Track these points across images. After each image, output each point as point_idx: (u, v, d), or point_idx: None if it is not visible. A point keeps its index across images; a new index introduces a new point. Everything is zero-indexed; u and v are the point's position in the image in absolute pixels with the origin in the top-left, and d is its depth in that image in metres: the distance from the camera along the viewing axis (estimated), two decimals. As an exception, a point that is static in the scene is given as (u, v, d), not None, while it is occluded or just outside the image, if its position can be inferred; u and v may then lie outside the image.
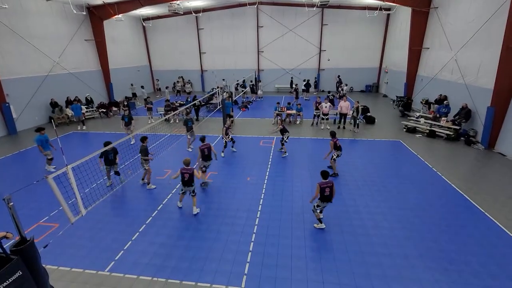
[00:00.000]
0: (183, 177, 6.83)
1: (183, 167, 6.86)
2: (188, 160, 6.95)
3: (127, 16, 23.25)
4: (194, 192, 7.12)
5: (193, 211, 7.07)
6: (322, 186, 6.04)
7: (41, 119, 16.24)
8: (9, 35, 14.18)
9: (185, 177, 6.81)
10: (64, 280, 5.08)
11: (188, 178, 6.82)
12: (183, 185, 6.94)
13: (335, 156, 8.87)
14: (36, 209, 7.39)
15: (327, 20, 23.69)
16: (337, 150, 8.81)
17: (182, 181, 6.90)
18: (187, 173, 6.80)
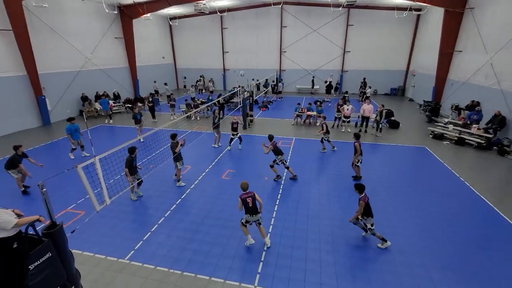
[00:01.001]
0: (246, 204, 5.58)
1: (242, 193, 5.64)
2: (246, 184, 5.72)
3: (155, 15, 24.06)
4: (260, 222, 5.82)
5: (266, 243, 5.82)
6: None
7: (73, 112, 17.24)
8: (48, 32, 15.19)
9: (249, 203, 5.57)
10: (88, 264, 5.39)
11: (253, 204, 5.59)
12: (249, 214, 5.63)
13: (357, 161, 8.57)
14: (65, 196, 7.88)
15: (353, 20, 23.12)
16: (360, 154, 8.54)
17: (246, 211, 5.63)
18: (250, 197, 5.59)
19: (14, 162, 7.72)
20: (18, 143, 8.21)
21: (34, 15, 14.31)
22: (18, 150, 7.84)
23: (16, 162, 7.75)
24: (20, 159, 7.84)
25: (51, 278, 3.59)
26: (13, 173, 7.78)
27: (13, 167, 7.74)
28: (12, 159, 7.73)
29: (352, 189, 8.15)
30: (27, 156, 8.08)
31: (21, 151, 7.90)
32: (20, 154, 7.86)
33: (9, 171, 7.74)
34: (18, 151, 7.84)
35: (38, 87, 14.59)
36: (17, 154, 7.79)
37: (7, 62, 13.40)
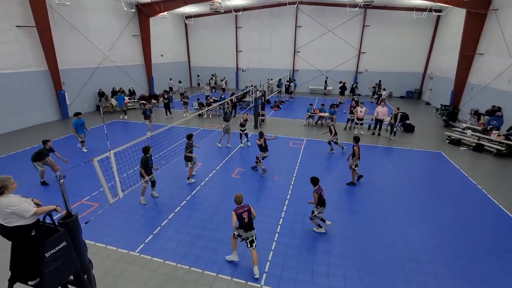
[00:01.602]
0: (241, 220, 5.01)
1: (236, 208, 5.09)
2: (240, 197, 5.16)
3: (171, 14, 24.42)
4: (254, 241, 5.18)
5: (255, 273, 5.06)
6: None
7: (90, 106, 17.79)
8: (69, 29, 15.71)
9: (244, 218, 5.02)
10: (100, 255, 5.55)
11: (248, 219, 5.07)
12: (244, 230, 5.08)
13: (354, 165, 8.38)
14: (80, 188, 8.14)
15: (370, 21, 22.70)
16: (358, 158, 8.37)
17: (241, 226, 5.05)
18: (245, 212, 5.05)
19: (41, 155, 8.03)
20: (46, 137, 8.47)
21: (57, 12, 14.83)
22: (46, 145, 8.13)
23: (43, 156, 8.06)
24: (47, 153, 8.15)
25: (65, 266, 3.72)
26: (38, 165, 8.08)
27: (39, 160, 8.05)
28: (40, 153, 8.03)
29: (362, 193, 8.08)
30: (54, 151, 8.36)
31: (49, 146, 8.19)
32: (48, 149, 8.16)
33: (35, 163, 8.05)
34: (46, 145, 8.13)
35: (58, 82, 15.12)
36: (45, 149, 8.10)
37: (30, 58, 13.96)
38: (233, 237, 5.34)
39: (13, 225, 3.35)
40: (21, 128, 13.89)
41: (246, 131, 11.67)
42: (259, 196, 7.88)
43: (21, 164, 9.73)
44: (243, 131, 11.54)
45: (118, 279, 5.00)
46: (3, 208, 3.26)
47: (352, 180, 8.59)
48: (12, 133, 13.27)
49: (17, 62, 13.41)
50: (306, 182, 8.61)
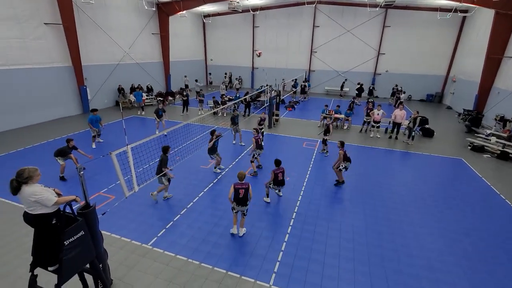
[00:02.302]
0: (237, 194, 5.78)
1: (236, 182, 5.85)
2: (243, 174, 5.93)
3: (189, 13, 24.79)
4: (246, 212, 6.11)
5: (240, 233, 6.11)
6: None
7: (109, 102, 18.38)
8: (92, 27, 16.29)
9: (240, 194, 5.79)
10: (115, 246, 5.73)
11: (243, 195, 5.82)
12: (237, 203, 5.89)
13: (343, 167, 8.28)
14: (98, 180, 8.44)
15: (390, 21, 22.09)
16: (346, 161, 8.22)
17: (235, 199, 5.85)
18: (242, 189, 5.81)
19: (63, 153, 8.39)
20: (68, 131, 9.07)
21: (82, 10, 15.42)
22: (69, 143, 8.48)
23: (65, 153, 8.41)
24: (70, 151, 8.49)
25: (82, 254, 3.88)
26: (59, 159, 8.45)
27: (61, 156, 8.41)
28: (62, 150, 8.39)
29: (376, 197, 7.90)
30: (77, 149, 8.69)
31: (72, 145, 8.53)
32: (71, 147, 8.51)
33: (57, 158, 8.42)
34: (69, 144, 8.48)
35: (81, 78, 15.73)
36: (68, 147, 8.45)
37: (56, 54, 14.59)
38: (235, 215, 6.16)
39: (36, 213, 3.53)
40: (45, 121, 14.55)
41: (263, 130, 11.65)
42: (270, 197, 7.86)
43: (44, 156, 10.21)
44: (260, 129, 11.54)
45: (131, 269, 5.15)
46: (28, 196, 3.44)
47: (339, 179, 8.54)
48: (37, 125, 13.92)
49: (44, 58, 14.06)
50: (319, 184, 8.55)
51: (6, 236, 5.98)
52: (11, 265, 5.20)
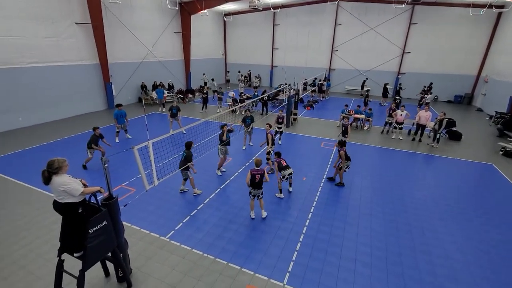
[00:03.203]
0: (253, 179, 6.36)
1: (253, 168, 6.43)
2: (259, 160, 6.48)
3: (211, 11, 25.10)
4: (262, 194, 6.66)
5: (262, 215, 6.75)
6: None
7: (133, 98, 19.07)
8: (118, 26, 16.94)
9: (256, 179, 6.36)
10: (134, 237, 5.96)
11: (259, 180, 6.39)
12: (253, 187, 6.47)
13: (346, 167, 8.19)
14: (120, 173, 8.79)
15: (417, 18, 21.14)
16: (346, 160, 8.12)
17: (251, 183, 6.42)
18: (258, 174, 6.36)
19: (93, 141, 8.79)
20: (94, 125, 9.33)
21: (109, 10, 16.07)
22: (96, 131, 8.88)
23: (96, 142, 8.82)
24: (97, 140, 8.90)
25: (105, 243, 4.08)
26: (90, 152, 8.90)
27: (93, 144, 8.82)
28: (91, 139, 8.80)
29: (397, 201, 7.63)
30: (103, 138, 9.12)
31: (98, 132, 8.93)
32: (98, 135, 8.90)
33: (88, 150, 8.87)
34: (96, 132, 8.88)
35: (107, 75, 16.43)
36: (95, 135, 8.86)
37: (85, 52, 15.33)
38: (253, 200, 6.64)
39: (65, 201, 3.74)
40: (73, 115, 15.35)
41: (282, 129, 11.59)
42: (285, 195, 7.83)
43: (71, 148, 10.80)
44: (279, 128, 11.52)
45: (149, 260, 5.34)
46: (57, 186, 3.65)
47: (340, 181, 8.35)
48: (66, 119, 14.71)
49: (74, 56, 14.82)
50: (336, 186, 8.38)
51: (37, 222, 6.40)
52: (41, 249, 5.56)
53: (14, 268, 5.09)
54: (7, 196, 7.45)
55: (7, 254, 5.43)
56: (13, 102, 12.59)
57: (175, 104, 12.93)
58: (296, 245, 5.83)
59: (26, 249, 5.56)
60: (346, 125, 10.78)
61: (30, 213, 6.72)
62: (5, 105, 12.36)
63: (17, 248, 5.60)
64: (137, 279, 4.88)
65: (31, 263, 5.22)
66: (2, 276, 4.91)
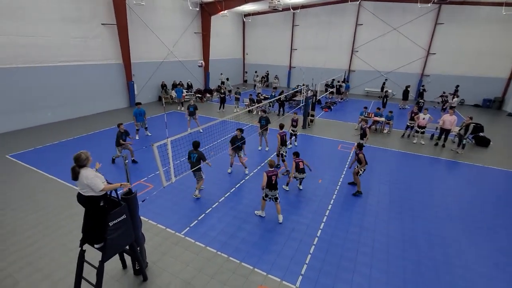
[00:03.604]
0: (270, 180, 6.25)
1: (268, 170, 6.34)
2: (273, 162, 6.47)
3: (230, 12, 25.34)
4: (277, 197, 6.52)
5: (279, 219, 6.57)
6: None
7: (153, 97, 19.63)
8: (142, 27, 17.51)
9: (272, 180, 6.27)
10: (151, 232, 6.13)
11: (275, 181, 6.32)
12: (270, 189, 6.35)
13: (362, 171, 7.82)
14: (139, 169, 9.08)
15: (444, 18, 20.24)
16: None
17: (268, 185, 6.30)
18: (274, 175, 6.30)
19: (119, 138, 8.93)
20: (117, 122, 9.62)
21: (133, 12, 16.65)
22: (120, 127, 9.01)
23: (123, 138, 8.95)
24: (122, 136, 8.98)
25: (123, 236, 4.23)
26: (118, 150, 9.11)
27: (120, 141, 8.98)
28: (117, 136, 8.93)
29: (416, 208, 7.35)
30: (128, 134, 9.28)
31: (123, 128, 9.04)
32: (123, 131, 9.01)
33: (117, 147, 9.07)
34: (120, 128, 9.00)
35: (129, 74, 17.03)
36: (120, 131, 8.96)
37: (109, 52, 15.98)
38: (263, 199, 6.59)
39: (88, 194, 3.92)
40: (96, 112, 16.03)
41: (296, 131, 11.44)
42: (300, 197, 7.75)
43: (94, 143, 11.28)
44: (294, 131, 11.39)
45: (164, 255, 5.47)
46: (83, 179, 3.82)
47: (358, 189, 7.97)
48: (90, 116, 15.39)
49: (99, 55, 15.49)
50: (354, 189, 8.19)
51: (62, 213, 6.75)
52: (64, 239, 5.86)
53: (39, 254, 5.40)
54: (37, 187, 7.91)
55: (33, 241, 5.77)
56: (43, 98, 13.35)
57: (192, 102, 13.12)
58: (309, 248, 5.77)
59: (50, 238, 5.88)
60: (364, 128, 10.51)
61: (56, 204, 7.10)
62: (37, 102, 13.12)
63: (42, 236, 5.93)
64: (152, 273, 5.02)
65: (55, 251, 5.51)
66: (28, 261, 5.22)
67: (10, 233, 5.99)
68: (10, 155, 9.96)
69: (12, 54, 11.96)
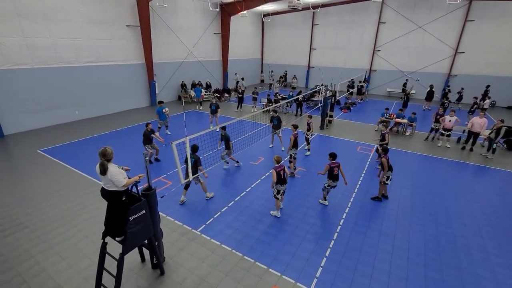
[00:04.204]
0: (279, 176, 6.35)
1: (275, 166, 6.41)
2: (279, 158, 6.52)
3: (250, 12, 25.43)
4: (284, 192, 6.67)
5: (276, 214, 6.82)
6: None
7: (173, 96, 20.14)
8: (164, 28, 18.00)
9: (281, 175, 6.39)
10: (168, 227, 6.29)
11: (283, 176, 6.45)
12: (280, 184, 6.46)
13: (386, 178, 7.34)
14: (159, 166, 9.35)
15: (474, 15, 19.13)
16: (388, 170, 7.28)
17: (278, 181, 6.38)
18: (282, 170, 6.41)
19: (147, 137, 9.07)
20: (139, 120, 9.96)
21: (156, 13, 17.16)
22: (147, 127, 9.07)
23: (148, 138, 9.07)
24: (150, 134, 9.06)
25: (143, 230, 4.37)
26: (148, 148, 9.18)
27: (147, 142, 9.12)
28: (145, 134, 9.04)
29: (440, 214, 7.02)
30: (154, 132, 9.32)
31: (150, 128, 9.11)
32: (150, 130, 9.09)
33: (145, 146, 9.17)
34: (148, 127, 9.06)
35: (151, 74, 17.57)
36: (147, 130, 9.05)
37: (133, 52, 16.57)
38: (276, 197, 6.62)
39: (111, 189, 4.09)
40: (119, 111, 16.66)
41: (309, 137, 10.75)
42: (317, 200, 7.63)
43: (117, 141, 11.74)
44: (307, 136, 10.97)
45: (181, 251, 5.60)
46: (108, 174, 3.97)
47: (378, 195, 7.64)
48: (113, 114, 16.03)
49: (124, 56, 16.11)
50: (373, 192, 7.96)
51: (87, 206, 7.09)
52: (88, 231, 6.15)
53: (66, 245, 5.70)
54: (64, 181, 8.36)
55: (60, 231, 6.11)
56: (71, 97, 14.08)
57: (214, 101, 13.39)
58: (325, 251, 5.67)
59: (76, 229, 6.20)
60: (384, 134, 9.88)
61: (81, 197, 7.47)
62: (65, 100, 13.87)
63: (69, 227, 6.26)
64: (169, 268, 5.16)
65: (80, 242, 5.80)
66: (55, 251, 5.53)
67: (41, 223, 6.38)
68: (41, 150, 10.60)
69: (41, 55, 12.71)
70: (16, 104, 12.20)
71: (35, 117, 12.93)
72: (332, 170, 6.88)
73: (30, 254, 5.44)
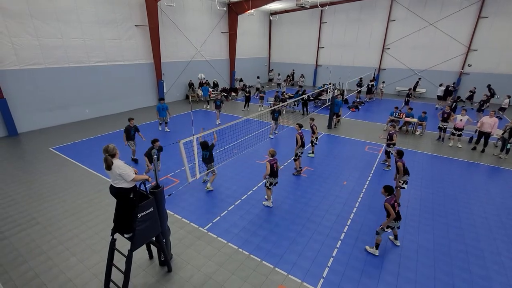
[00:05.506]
0: (273, 168, 6.72)
1: (269, 159, 6.78)
2: (274, 151, 6.87)
3: (257, 11, 25.40)
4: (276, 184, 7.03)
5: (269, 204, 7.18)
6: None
7: (181, 95, 20.29)
8: (172, 28, 18.14)
9: (274, 168, 6.75)
10: (176, 225, 6.35)
11: (276, 169, 6.82)
12: (273, 177, 6.84)
13: (402, 183, 7.07)
14: (166, 164, 9.44)
15: (488, 11, 18.60)
16: (404, 174, 6.99)
17: (271, 174, 6.75)
18: (275, 163, 6.79)
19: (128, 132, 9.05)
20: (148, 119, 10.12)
21: (164, 13, 17.30)
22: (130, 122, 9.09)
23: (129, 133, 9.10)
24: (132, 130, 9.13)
25: (150, 228, 4.42)
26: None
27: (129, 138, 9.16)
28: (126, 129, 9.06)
29: (451, 216, 6.87)
30: (138, 130, 9.40)
31: (133, 123, 9.16)
32: (132, 126, 9.14)
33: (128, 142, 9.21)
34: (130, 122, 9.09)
35: (159, 73, 17.75)
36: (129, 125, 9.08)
37: (142, 52, 16.76)
38: (267, 188, 6.97)
39: (119, 186, 4.14)
40: (128, 109, 16.88)
41: (314, 140, 10.35)
42: (324, 199, 7.58)
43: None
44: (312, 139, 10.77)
45: (188, 248, 5.65)
46: (116, 169, 4.02)
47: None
48: (122, 113, 16.25)
49: (132, 55, 16.31)
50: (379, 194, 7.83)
51: (96, 203, 7.22)
52: (97, 227, 6.26)
53: (76, 241, 5.83)
54: (75, 178, 8.54)
55: (71, 228, 6.24)
56: (81, 96, 14.35)
57: (219, 97, 13.93)
58: (332, 251, 5.63)
59: (85, 226, 6.32)
60: (391, 133, 9.52)
61: (91, 194, 7.62)
62: (76, 99, 14.15)
63: (79, 224, 6.39)
64: (176, 265, 5.21)
65: (90, 238, 5.91)
66: (65, 247, 5.65)
67: (52, 219, 6.53)
68: (53, 147, 10.85)
69: (53, 55, 12.98)
70: (29, 103, 12.52)
71: (47, 116, 13.24)
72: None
73: (42, 249, 5.58)
